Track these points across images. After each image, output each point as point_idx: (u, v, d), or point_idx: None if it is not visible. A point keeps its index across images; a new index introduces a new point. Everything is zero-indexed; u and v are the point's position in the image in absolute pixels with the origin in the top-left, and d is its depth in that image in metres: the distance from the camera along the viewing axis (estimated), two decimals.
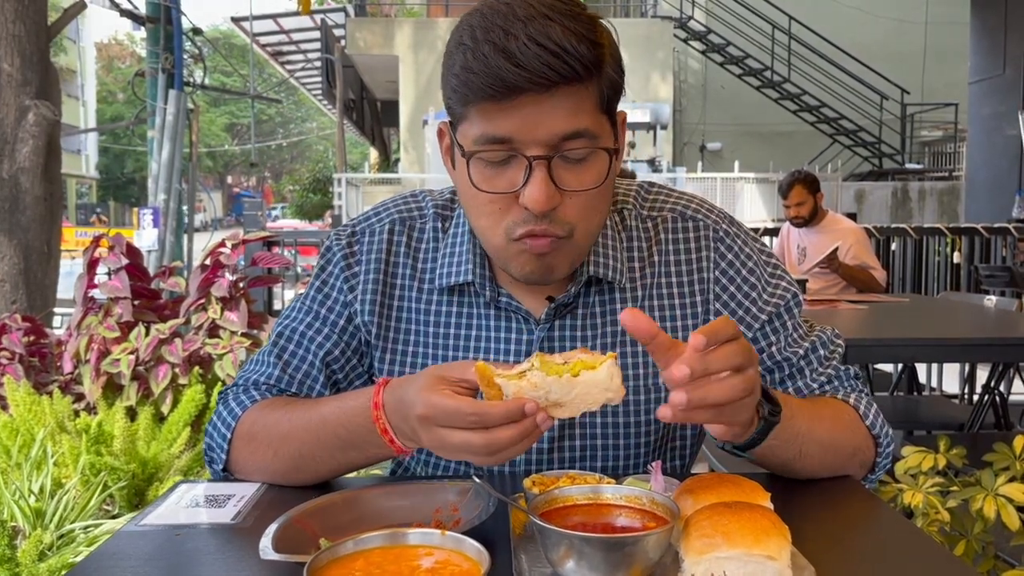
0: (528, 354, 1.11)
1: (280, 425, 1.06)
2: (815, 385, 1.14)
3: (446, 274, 1.13)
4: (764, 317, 1.14)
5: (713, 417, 0.83)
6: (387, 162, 23.03)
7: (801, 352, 1.14)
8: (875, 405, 1.12)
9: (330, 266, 1.18)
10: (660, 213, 1.17)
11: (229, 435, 1.11)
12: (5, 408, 2.57)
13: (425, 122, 14.58)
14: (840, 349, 1.17)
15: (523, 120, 0.94)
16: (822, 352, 1.15)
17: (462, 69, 0.94)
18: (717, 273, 1.15)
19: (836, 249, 4.33)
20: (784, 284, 1.16)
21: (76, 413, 2.56)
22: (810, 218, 4.59)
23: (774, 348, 1.14)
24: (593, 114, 0.97)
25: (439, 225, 1.17)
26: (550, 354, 0.85)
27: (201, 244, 4.62)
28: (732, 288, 1.15)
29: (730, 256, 1.15)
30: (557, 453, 1.13)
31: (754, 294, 1.15)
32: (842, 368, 1.17)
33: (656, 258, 1.15)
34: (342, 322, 1.16)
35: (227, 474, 1.13)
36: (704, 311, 1.15)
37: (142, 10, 7.43)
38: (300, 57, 20.29)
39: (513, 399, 0.80)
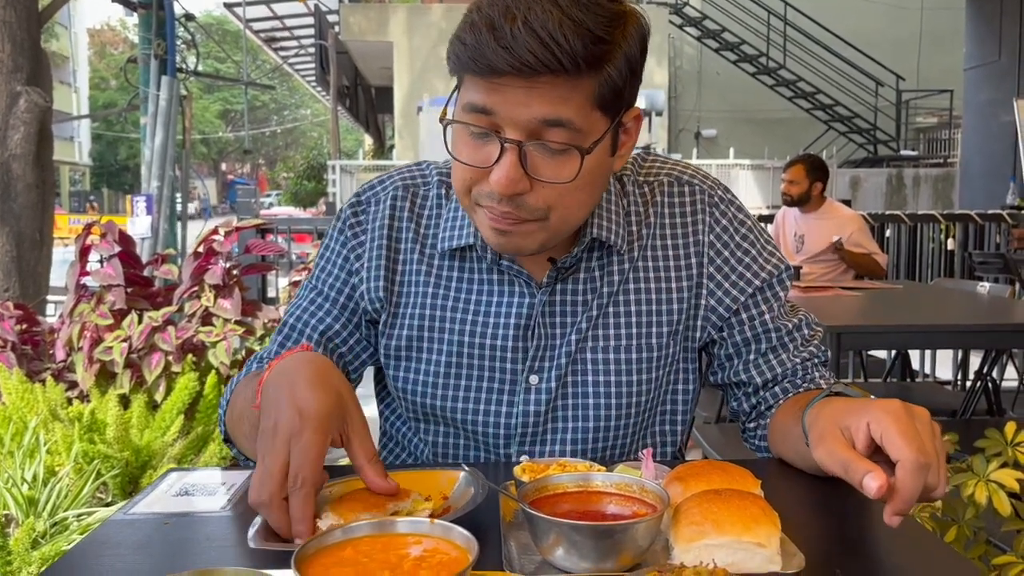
0: (530, 318, 1.12)
1: (235, 404, 1.10)
2: (797, 360, 1.17)
3: (448, 237, 1.14)
4: (758, 283, 1.16)
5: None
6: (382, 149, 22.96)
7: (790, 326, 1.18)
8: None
9: (333, 243, 1.20)
10: (657, 178, 1.18)
11: (225, 405, 1.16)
12: None
13: (420, 109, 14.49)
14: (819, 334, 1.21)
15: (506, 99, 0.93)
16: (806, 332, 1.19)
17: (457, 38, 0.95)
18: (712, 237, 1.16)
19: (840, 240, 4.37)
20: (778, 256, 1.19)
21: (69, 401, 2.56)
22: (798, 201, 4.61)
23: (766, 316, 1.16)
24: (582, 108, 0.94)
25: (443, 192, 1.18)
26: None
27: (194, 232, 4.60)
28: (726, 253, 1.16)
29: (724, 221, 1.17)
30: (550, 413, 1.14)
31: (748, 259, 1.17)
32: (818, 351, 1.19)
33: (652, 220, 1.16)
34: (342, 299, 1.17)
35: (230, 444, 1.17)
36: (698, 273, 1.16)
37: None
38: (293, 43, 20.17)
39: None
